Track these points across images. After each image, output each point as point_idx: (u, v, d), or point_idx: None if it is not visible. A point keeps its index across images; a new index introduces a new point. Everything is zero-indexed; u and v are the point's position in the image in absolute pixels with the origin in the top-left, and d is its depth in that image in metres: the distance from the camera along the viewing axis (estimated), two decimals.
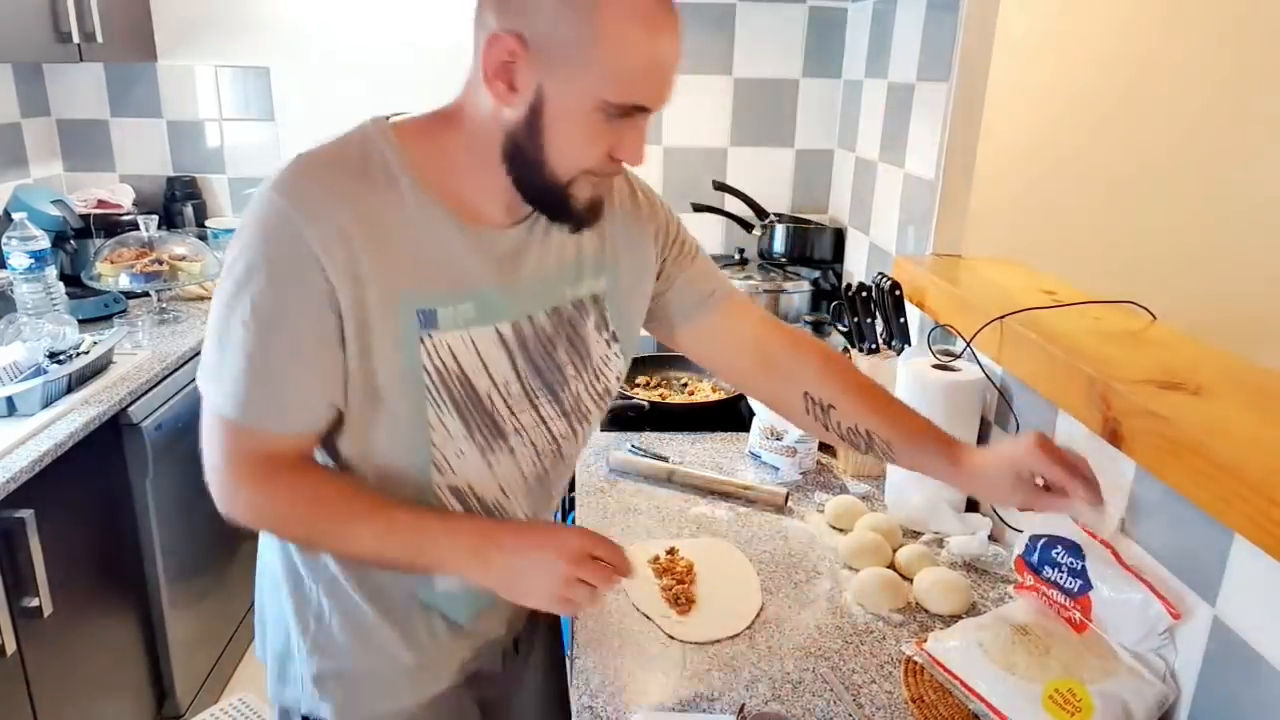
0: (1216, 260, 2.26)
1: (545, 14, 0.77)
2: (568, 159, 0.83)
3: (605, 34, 0.76)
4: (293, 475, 0.87)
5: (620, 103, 0.80)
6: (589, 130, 0.81)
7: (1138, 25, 2.11)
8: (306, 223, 0.79)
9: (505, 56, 0.79)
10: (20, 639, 1.44)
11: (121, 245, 2.15)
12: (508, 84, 0.80)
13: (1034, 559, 1.03)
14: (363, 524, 0.87)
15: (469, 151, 0.86)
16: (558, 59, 0.78)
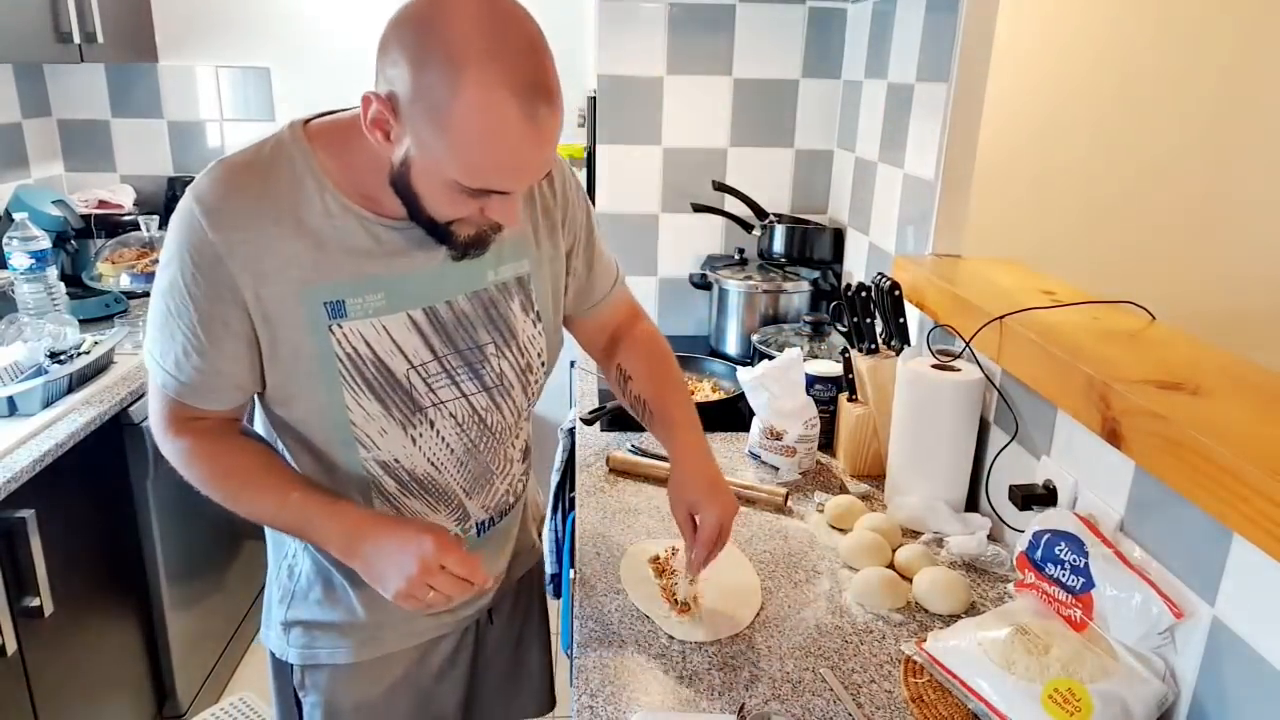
0: (1216, 260, 2.26)
1: (412, 92, 0.80)
2: (438, 211, 0.89)
3: (455, 131, 0.80)
4: (213, 442, 0.99)
5: (471, 186, 0.84)
6: (452, 196, 0.86)
7: (1137, 26, 2.11)
8: (211, 227, 0.88)
9: (377, 115, 0.83)
10: (21, 639, 1.45)
11: (122, 245, 2.15)
12: (383, 134, 0.84)
13: (1037, 555, 1.04)
14: (263, 496, 0.98)
15: (370, 162, 0.89)
16: (418, 132, 0.82)
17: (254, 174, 0.90)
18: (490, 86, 0.78)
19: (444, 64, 0.78)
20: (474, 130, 0.79)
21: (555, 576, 1.69)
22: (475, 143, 0.80)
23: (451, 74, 0.78)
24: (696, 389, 1.78)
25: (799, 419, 1.44)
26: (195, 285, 0.89)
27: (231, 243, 0.88)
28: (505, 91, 0.78)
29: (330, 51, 2.54)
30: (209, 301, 0.90)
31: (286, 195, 0.90)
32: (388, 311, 0.95)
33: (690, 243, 2.23)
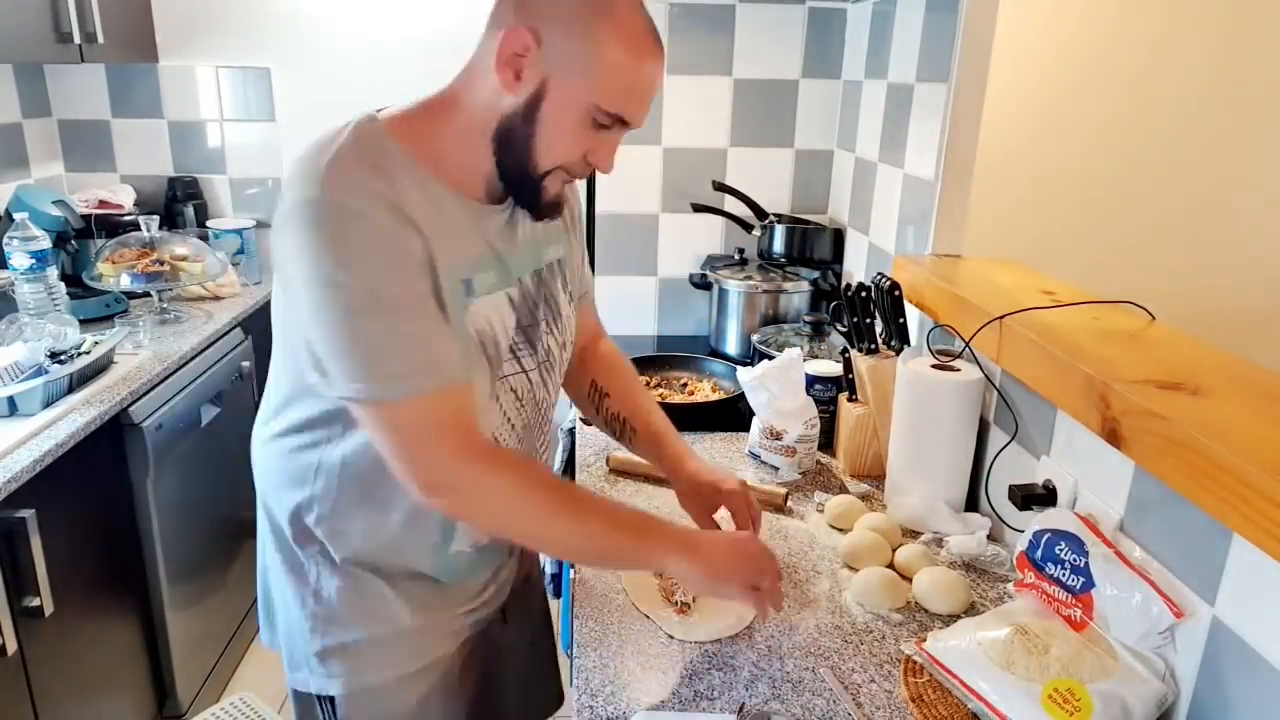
0: (1216, 260, 2.26)
1: (559, 20, 0.86)
2: (551, 152, 0.92)
3: (604, 49, 0.87)
4: (500, 455, 0.96)
5: (608, 110, 0.89)
6: (575, 130, 0.91)
7: (1136, 26, 2.11)
8: (374, 210, 0.85)
9: (518, 49, 0.87)
10: (21, 639, 1.45)
11: (123, 245, 2.15)
12: (515, 73, 0.88)
13: (1037, 555, 1.04)
14: (594, 512, 0.96)
15: (458, 138, 0.93)
16: (563, 61, 0.87)
17: (375, 161, 0.88)
18: (632, 15, 0.88)
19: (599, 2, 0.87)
20: (623, 51, 0.87)
21: (555, 576, 1.69)
22: (624, 64, 0.88)
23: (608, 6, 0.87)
24: (696, 389, 1.78)
25: (799, 419, 1.44)
26: (391, 271, 0.86)
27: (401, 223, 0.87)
28: (644, 24, 0.90)
29: (330, 51, 2.54)
30: (411, 281, 0.87)
31: (400, 181, 0.89)
32: (499, 288, 0.98)
33: (690, 243, 2.24)
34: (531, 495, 0.92)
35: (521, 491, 0.92)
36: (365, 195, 0.85)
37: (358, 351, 0.86)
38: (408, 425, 0.88)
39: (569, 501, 0.95)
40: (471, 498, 0.92)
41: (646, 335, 2.28)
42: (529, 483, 0.93)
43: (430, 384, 0.88)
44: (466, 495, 0.91)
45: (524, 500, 0.92)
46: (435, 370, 0.88)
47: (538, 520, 0.93)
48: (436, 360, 0.89)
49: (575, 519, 0.94)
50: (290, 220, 0.86)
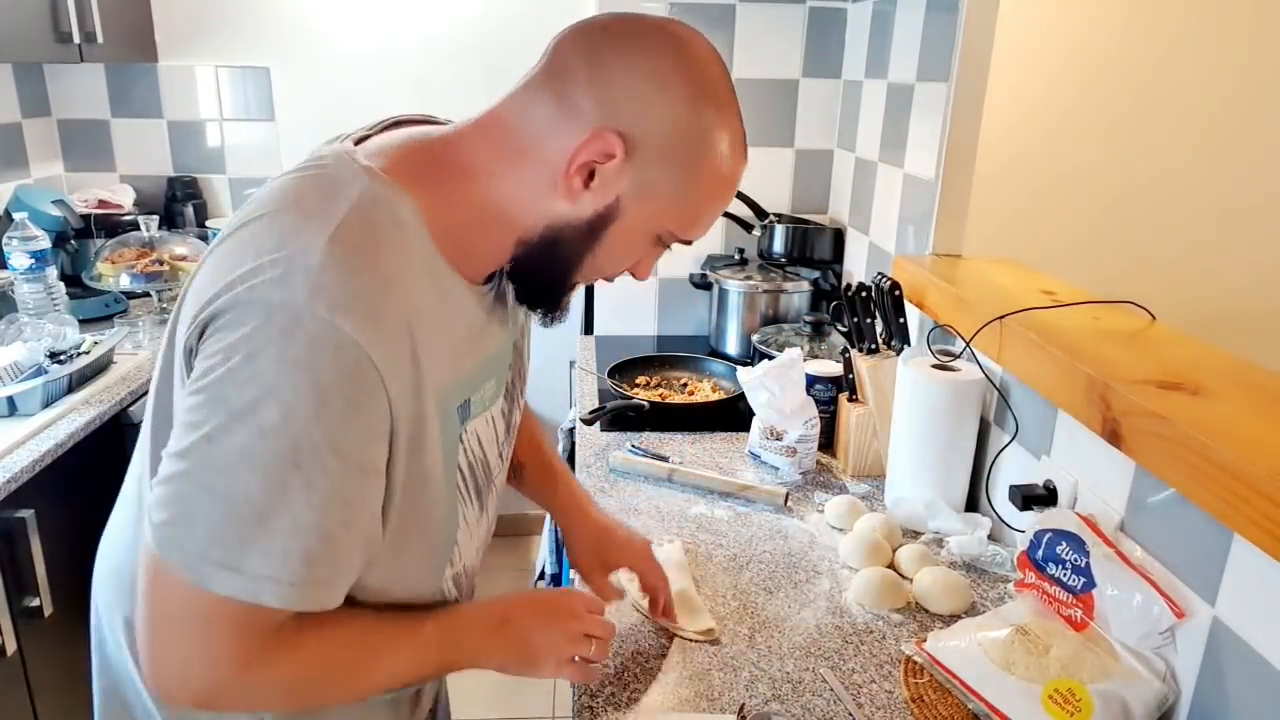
0: (1216, 260, 2.26)
1: (655, 136, 0.70)
2: (600, 268, 0.78)
3: (701, 181, 0.73)
4: (315, 632, 0.70)
5: (678, 236, 0.77)
6: (634, 250, 0.77)
7: (1137, 25, 2.11)
8: (371, 345, 0.63)
9: (598, 157, 0.70)
10: (21, 639, 1.45)
11: (122, 245, 2.15)
12: (585, 180, 0.71)
13: (1038, 555, 1.04)
14: (396, 653, 0.77)
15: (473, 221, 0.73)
16: (649, 183, 0.72)
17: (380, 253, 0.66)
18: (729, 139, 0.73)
19: (702, 106, 0.71)
20: (715, 180, 0.74)
21: (555, 577, 1.69)
22: (711, 193, 0.75)
23: (708, 120, 0.71)
24: (696, 389, 1.78)
25: (799, 419, 1.44)
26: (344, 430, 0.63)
27: (397, 359, 0.65)
28: (736, 142, 0.75)
29: (330, 51, 2.54)
30: (361, 446, 0.65)
31: (413, 269, 0.69)
32: (494, 400, 0.82)
33: None
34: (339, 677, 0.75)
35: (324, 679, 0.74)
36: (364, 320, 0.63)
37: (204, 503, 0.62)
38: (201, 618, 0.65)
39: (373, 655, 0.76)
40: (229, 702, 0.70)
41: (646, 335, 2.28)
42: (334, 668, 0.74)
43: (243, 592, 0.63)
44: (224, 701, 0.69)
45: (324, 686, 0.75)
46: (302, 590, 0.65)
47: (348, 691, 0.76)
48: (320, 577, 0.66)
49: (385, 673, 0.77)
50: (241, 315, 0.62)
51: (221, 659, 0.66)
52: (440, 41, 2.54)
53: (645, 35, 0.71)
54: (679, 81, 0.70)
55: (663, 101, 0.70)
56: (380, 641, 0.76)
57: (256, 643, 0.67)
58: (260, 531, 0.62)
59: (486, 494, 0.86)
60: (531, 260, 0.75)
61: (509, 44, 2.55)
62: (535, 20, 2.54)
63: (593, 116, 0.70)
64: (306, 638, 0.70)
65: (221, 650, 0.66)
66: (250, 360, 0.61)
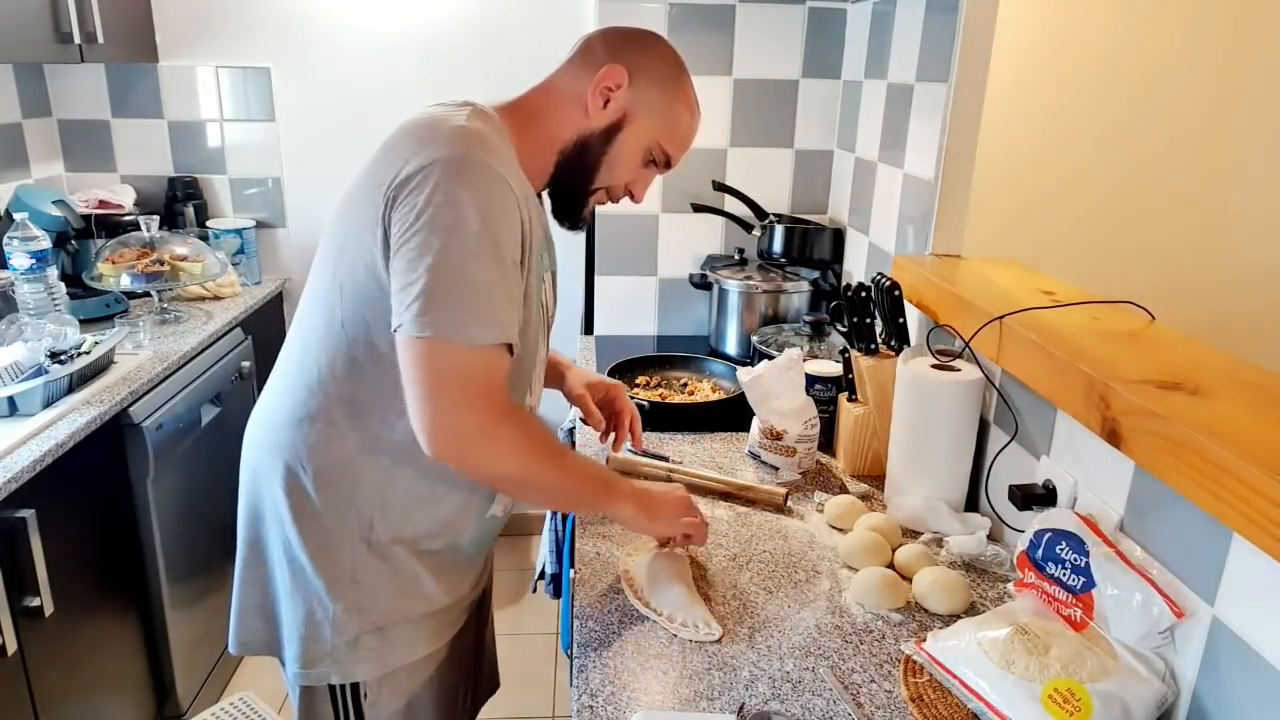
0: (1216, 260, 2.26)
1: (648, 70, 1.10)
2: (611, 172, 1.12)
3: (676, 103, 1.13)
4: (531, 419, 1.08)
5: (665, 150, 1.13)
6: (634, 160, 1.12)
7: (1137, 26, 2.11)
8: (509, 178, 0.97)
9: (612, 83, 1.08)
10: (21, 639, 1.45)
11: (123, 245, 2.15)
12: (604, 102, 1.08)
13: (1038, 554, 1.04)
14: (575, 470, 1.08)
15: (534, 143, 1.09)
16: (645, 103, 1.10)
17: (494, 146, 1.00)
18: (690, 89, 1.15)
19: (673, 64, 1.14)
20: (685, 110, 1.14)
21: (555, 576, 1.69)
22: (684, 118, 1.14)
23: (677, 72, 1.14)
24: (696, 389, 1.78)
25: (799, 419, 1.44)
26: (513, 234, 0.96)
27: (520, 197, 0.98)
28: (694, 94, 1.16)
29: (330, 51, 2.54)
30: (512, 243, 0.96)
31: (511, 162, 1.02)
32: (549, 268, 1.14)
33: (690, 243, 2.24)
34: (532, 450, 1.00)
35: (526, 447, 0.99)
36: (501, 162, 0.97)
37: (463, 293, 0.92)
38: (461, 370, 0.93)
39: (558, 457, 1.04)
40: (482, 449, 0.96)
41: (646, 335, 2.28)
42: (531, 438, 1.00)
43: (503, 338, 0.95)
44: (478, 446, 0.96)
45: (526, 454, 0.99)
46: (509, 328, 0.96)
47: (529, 471, 1.01)
48: (508, 321, 0.96)
49: (562, 473, 1.05)
50: (429, 174, 0.93)
51: (480, 405, 0.94)
52: (441, 41, 2.54)
53: (639, 31, 1.14)
54: (658, 50, 1.13)
55: (650, 56, 1.12)
56: (570, 452, 1.12)
57: (502, 398, 0.96)
58: (490, 297, 0.94)
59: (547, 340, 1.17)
60: (567, 165, 1.10)
61: (509, 44, 2.55)
62: (535, 21, 2.55)
63: (604, 58, 1.09)
64: (527, 418, 1.03)
65: (479, 397, 0.94)
66: (446, 194, 0.92)
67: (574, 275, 2.23)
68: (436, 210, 0.92)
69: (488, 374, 0.95)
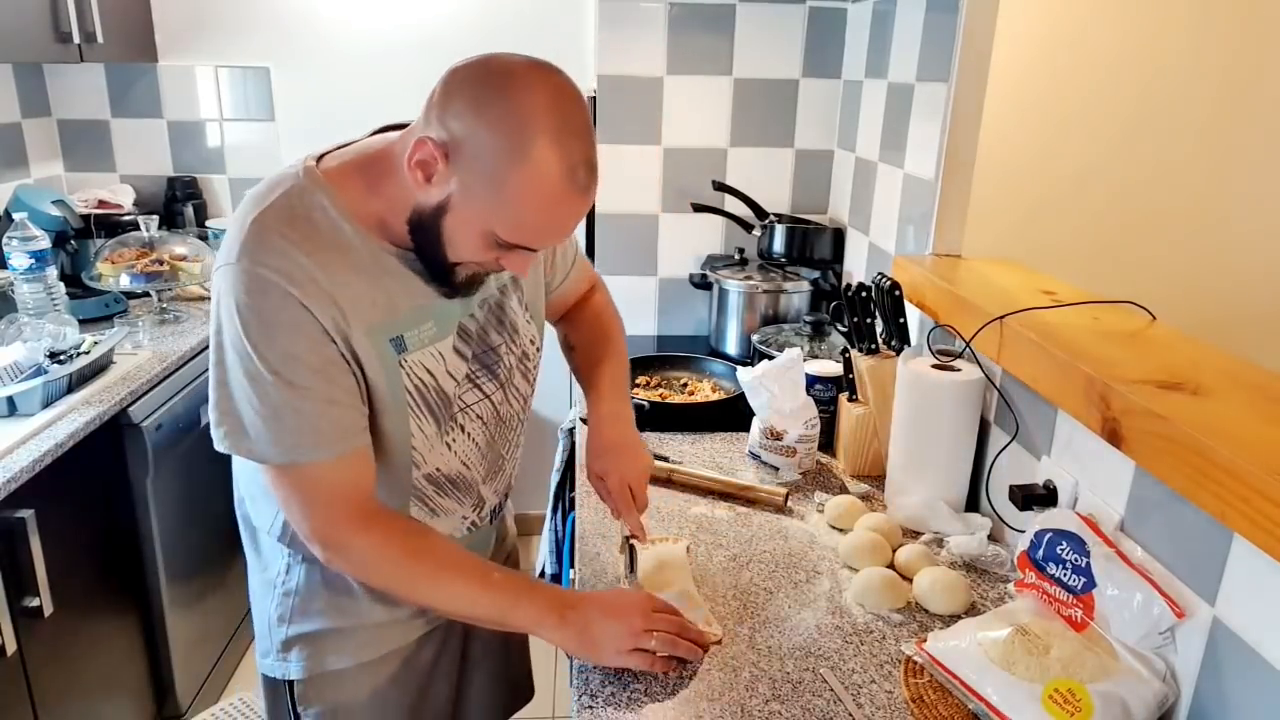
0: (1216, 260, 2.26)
1: (471, 147, 0.85)
2: (458, 253, 0.93)
3: (510, 191, 0.85)
4: (402, 527, 0.98)
5: (508, 241, 0.90)
6: (480, 244, 0.91)
7: (1137, 25, 2.11)
8: (291, 283, 0.87)
9: (427, 158, 0.86)
10: (21, 639, 1.45)
11: (122, 245, 2.15)
12: (425, 177, 0.88)
13: (1038, 555, 1.04)
14: (465, 579, 0.97)
15: (390, 201, 0.93)
16: (468, 186, 0.86)
17: (297, 225, 0.90)
18: (552, 162, 0.84)
19: (514, 132, 0.83)
20: (530, 196, 0.86)
21: (555, 576, 1.69)
22: (528, 207, 0.87)
23: (520, 142, 0.83)
24: (696, 389, 1.78)
25: (799, 419, 1.44)
26: (291, 339, 0.88)
27: (311, 295, 0.88)
28: (564, 168, 0.85)
29: (330, 51, 2.54)
30: (319, 349, 0.90)
31: (331, 241, 0.91)
32: (439, 338, 1.00)
33: (690, 243, 2.23)
34: (411, 564, 0.96)
35: (403, 561, 0.96)
36: (279, 266, 0.87)
37: (261, 418, 0.89)
38: (305, 488, 0.93)
39: (448, 569, 0.98)
40: (359, 561, 0.96)
41: (646, 335, 2.28)
42: (410, 552, 0.96)
43: (326, 454, 0.91)
44: (354, 558, 0.96)
45: (404, 569, 0.97)
46: (332, 441, 0.91)
47: (416, 587, 0.98)
48: (335, 431, 0.92)
49: (451, 587, 0.97)
50: (215, 277, 0.90)
51: (318, 517, 0.93)
52: (440, 42, 2.54)
53: (496, 74, 0.86)
54: (501, 111, 0.84)
55: (479, 124, 0.84)
56: (455, 560, 0.98)
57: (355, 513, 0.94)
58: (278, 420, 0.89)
59: (445, 414, 1.03)
60: (415, 237, 0.93)
61: (509, 45, 2.54)
62: (536, 21, 2.54)
63: (432, 128, 0.87)
64: (394, 523, 0.97)
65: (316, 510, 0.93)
66: (227, 309, 0.88)
67: None
68: (219, 325, 0.89)
69: (320, 485, 0.93)
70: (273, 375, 0.88)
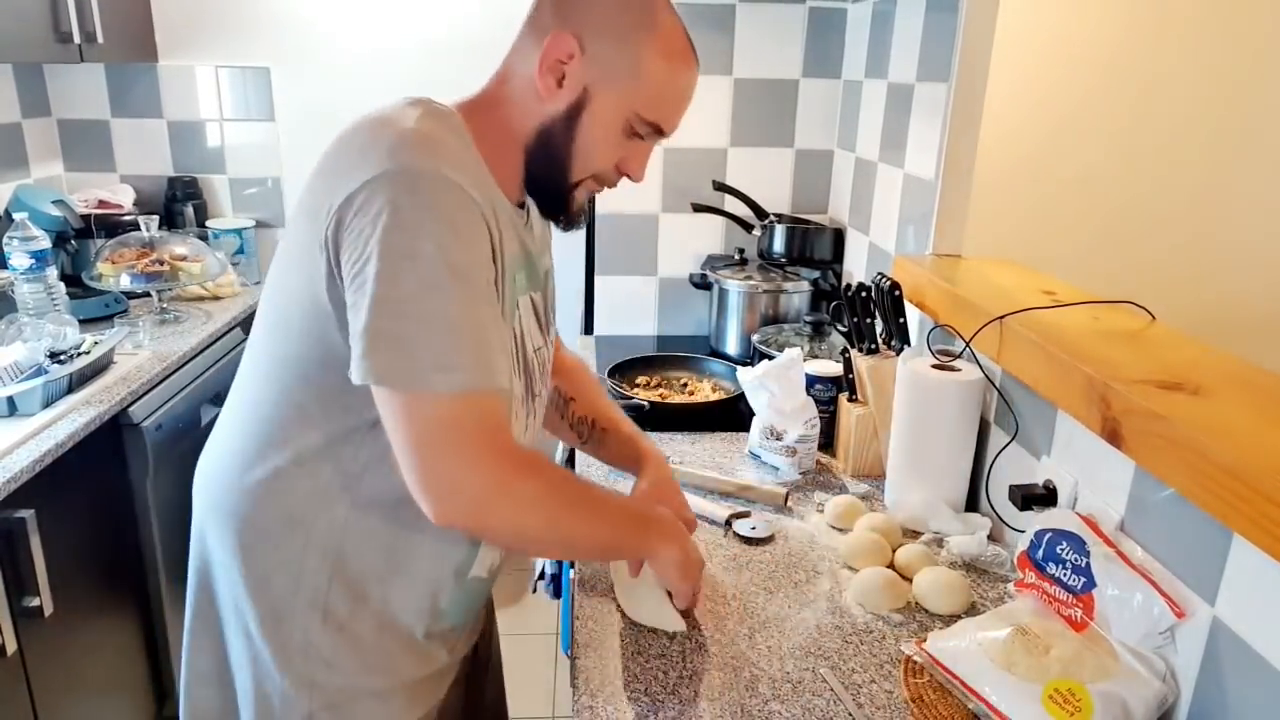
0: (1216, 260, 2.26)
1: (602, 28, 0.87)
2: (588, 159, 0.91)
3: (646, 58, 0.88)
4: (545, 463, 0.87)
5: (646, 119, 0.90)
6: (613, 138, 0.91)
7: (1138, 25, 2.11)
8: (470, 187, 0.82)
9: (562, 55, 0.87)
10: (21, 639, 1.45)
11: (122, 245, 2.15)
12: (558, 80, 0.88)
13: (1038, 555, 1.04)
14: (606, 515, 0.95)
15: (496, 141, 0.91)
16: (607, 68, 0.88)
17: (446, 148, 0.84)
18: (676, 27, 0.90)
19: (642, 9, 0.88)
20: (665, 64, 0.89)
21: (555, 577, 1.69)
22: (665, 77, 0.90)
23: (648, 10, 0.88)
24: (696, 389, 1.78)
25: (799, 419, 1.44)
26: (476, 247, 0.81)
27: (485, 208, 0.83)
28: (683, 35, 0.92)
29: (330, 51, 2.54)
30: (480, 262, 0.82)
31: (473, 168, 0.86)
32: (525, 290, 0.96)
33: (690, 243, 2.23)
34: (557, 502, 0.87)
35: (550, 498, 0.86)
36: (460, 168, 0.82)
37: (419, 332, 0.77)
38: (446, 423, 0.78)
39: (586, 502, 0.93)
40: (498, 508, 0.82)
41: (646, 335, 2.28)
42: (554, 487, 0.87)
43: (482, 382, 0.80)
44: (493, 506, 0.82)
45: (551, 507, 0.86)
46: (489, 369, 0.81)
47: (558, 527, 0.87)
48: (493, 358, 0.81)
49: (591, 521, 0.92)
50: (375, 191, 0.78)
51: (483, 459, 0.80)
52: (441, 41, 2.54)
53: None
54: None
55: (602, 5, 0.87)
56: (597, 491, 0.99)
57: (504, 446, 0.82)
58: (455, 334, 0.79)
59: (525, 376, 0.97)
60: (536, 164, 0.91)
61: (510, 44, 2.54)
62: None
63: (551, 24, 0.88)
64: (544, 464, 0.87)
65: (478, 451, 0.80)
66: (396, 214, 0.77)
67: (574, 275, 2.23)
68: (385, 235, 0.77)
69: (480, 422, 0.80)
70: (460, 283, 0.78)
